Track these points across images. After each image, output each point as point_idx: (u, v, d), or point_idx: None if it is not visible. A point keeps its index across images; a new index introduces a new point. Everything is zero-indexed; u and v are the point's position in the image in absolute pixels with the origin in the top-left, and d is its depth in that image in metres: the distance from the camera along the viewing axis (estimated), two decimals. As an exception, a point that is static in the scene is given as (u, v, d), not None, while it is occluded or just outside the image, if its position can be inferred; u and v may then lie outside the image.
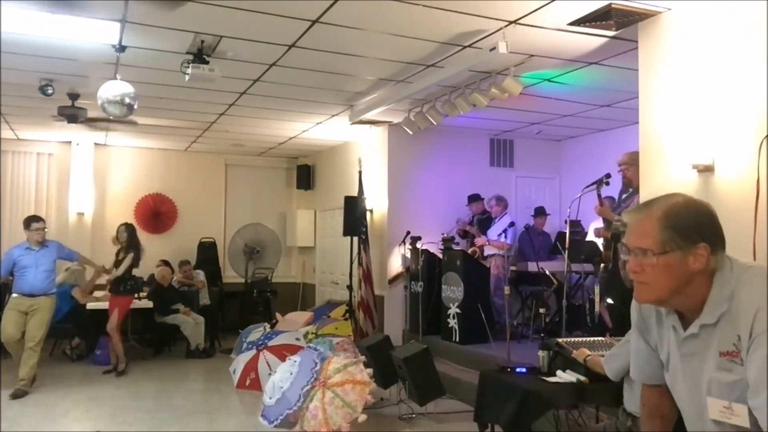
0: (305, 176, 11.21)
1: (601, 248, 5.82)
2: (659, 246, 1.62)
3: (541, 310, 6.13)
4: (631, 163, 5.08)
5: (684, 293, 1.66)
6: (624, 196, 5.35)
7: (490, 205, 8.09)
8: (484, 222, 8.14)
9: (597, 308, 5.80)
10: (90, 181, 9.92)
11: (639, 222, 1.68)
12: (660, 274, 1.64)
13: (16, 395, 6.15)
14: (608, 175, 5.36)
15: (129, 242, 7.43)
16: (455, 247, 7.82)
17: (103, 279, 7.63)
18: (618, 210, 5.24)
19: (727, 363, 1.61)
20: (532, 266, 7.53)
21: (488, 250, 7.79)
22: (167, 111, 7.72)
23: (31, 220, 6.72)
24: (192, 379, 7.51)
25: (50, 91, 6.24)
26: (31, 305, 6.46)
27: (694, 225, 1.63)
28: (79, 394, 5.98)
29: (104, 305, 7.56)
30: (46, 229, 6.75)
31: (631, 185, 5.15)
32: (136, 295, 7.83)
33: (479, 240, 7.90)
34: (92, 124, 7.68)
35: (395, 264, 8.63)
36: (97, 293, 8.18)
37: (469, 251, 7.75)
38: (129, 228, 7.56)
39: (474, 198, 8.29)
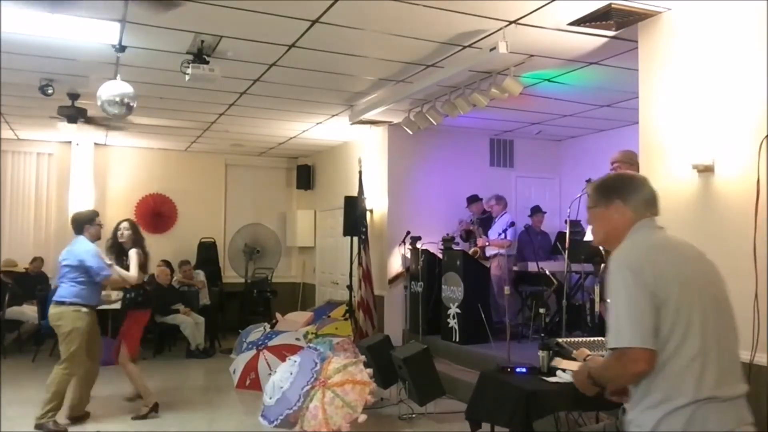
0: (305, 176, 11.20)
1: (601, 248, 5.81)
2: (592, 202, 2.24)
3: (541, 310, 6.13)
4: (624, 161, 5.05)
5: (614, 238, 2.15)
6: None
7: (490, 205, 8.09)
8: (485, 222, 8.15)
9: (597, 308, 5.80)
10: (90, 181, 9.91)
11: (589, 187, 2.33)
12: (595, 222, 2.25)
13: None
14: (607, 176, 5.35)
15: (134, 240, 5.75)
16: (456, 248, 7.82)
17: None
18: None
19: None
20: (532, 266, 7.53)
21: (490, 250, 7.79)
22: (167, 111, 7.72)
23: (93, 214, 5.63)
24: (192, 379, 7.52)
25: (50, 91, 6.24)
26: (95, 318, 5.51)
27: (613, 188, 2.19)
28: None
29: (104, 305, 6.36)
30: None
31: None
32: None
33: (480, 240, 7.90)
34: (92, 123, 7.66)
35: (395, 264, 8.62)
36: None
37: (470, 251, 7.75)
38: (132, 225, 5.88)
39: (473, 199, 8.29)
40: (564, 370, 3.62)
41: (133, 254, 5.58)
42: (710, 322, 1.97)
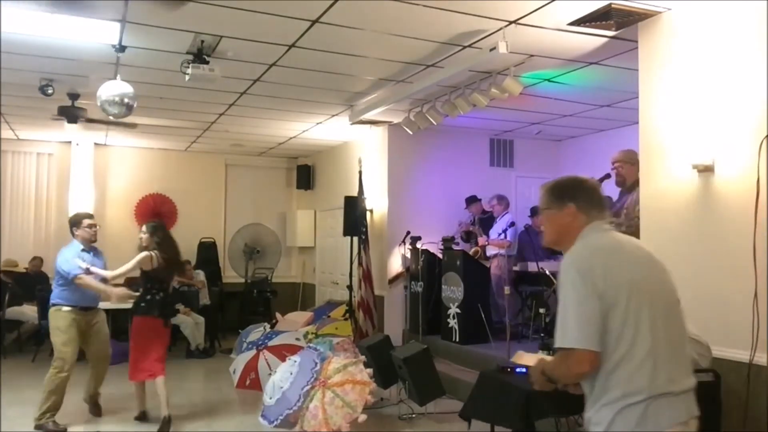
0: (305, 176, 11.21)
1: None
2: (545, 204, 2.30)
3: (541, 310, 6.13)
4: (625, 161, 5.06)
5: (566, 240, 2.21)
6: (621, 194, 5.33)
7: (492, 204, 8.09)
8: (486, 222, 8.14)
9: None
10: (90, 181, 9.92)
11: (540, 190, 2.35)
12: (548, 224, 2.30)
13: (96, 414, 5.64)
14: (608, 176, 5.34)
15: (157, 243, 5.49)
16: (456, 248, 7.82)
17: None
18: (613, 209, 5.22)
19: None
20: (532, 266, 7.53)
21: (490, 250, 7.79)
22: (167, 111, 7.72)
23: (84, 217, 5.65)
24: (192, 379, 7.51)
25: (50, 91, 6.24)
26: (90, 320, 5.50)
27: (567, 191, 2.25)
28: (79, 394, 5.96)
29: (105, 305, 6.12)
30: (97, 227, 5.71)
31: (624, 183, 5.14)
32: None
33: (481, 240, 7.90)
34: (92, 123, 7.65)
35: (395, 264, 8.62)
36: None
37: (471, 252, 7.75)
38: (151, 228, 5.55)
39: (472, 200, 8.29)
40: (525, 367, 3.59)
41: (140, 256, 5.34)
42: (660, 321, 2.03)
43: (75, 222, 5.60)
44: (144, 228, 5.58)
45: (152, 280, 5.40)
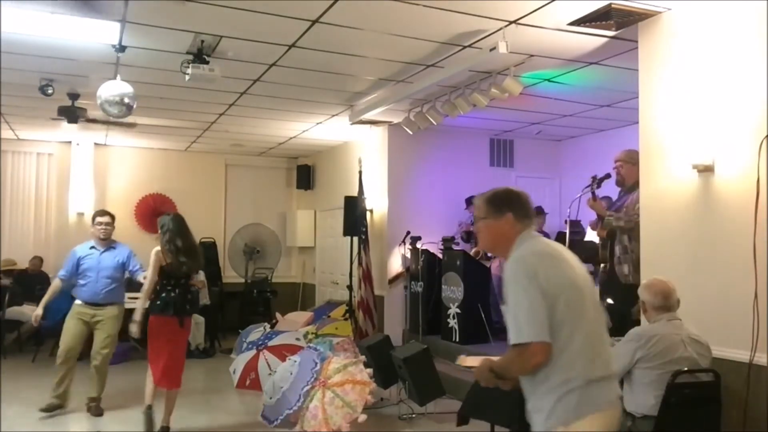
0: (305, 176, 11.20)
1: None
2: (483, 213, 2.49)
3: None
4: (626, 161, 5.06)
5: (503, 246, 2.44)
6: (621, 193, 5.33)
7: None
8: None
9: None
10: (90, 181, 9.92)
11: (478, 200, 2.55)
12: (486, 232, 2.50)
13: (96, 414, 5.64)
14: (608, 176, 5.34)
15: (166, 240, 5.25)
16: (456, 248, 7.82)
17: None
18: (612, 207, 5.23)
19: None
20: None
21: (491, 251, 7.78)
22: (167, 111, 7.72)
23: (95, 215, 5.87)
24: (192, 379, 7.50)
25: (50, 91, 6.24)
26: (94, 316, 5.66)
27: (505, 201, 2.45)
28: (79, 395, 5.97)
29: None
30: (109, 225, 5.80)
31: (624, 183, 5.14)
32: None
33: (481, 240, 7.88)
34: (92, 123, 7.65)
35: (395, 264, 8.62)
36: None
37: (472, 252, 7.75)
38: (165, 220, 5.26)
39: (472, 200, 8.27)
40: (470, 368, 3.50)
41: (151, 257, 5.10)
42: (591, 314, 2.31)
43: (92, 219, 5.91)
44: (169, 219, 5.26)
45: (167, 276, 5.07)
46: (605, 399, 2.27)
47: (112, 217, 5.90)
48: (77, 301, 5.71)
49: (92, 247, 5.74)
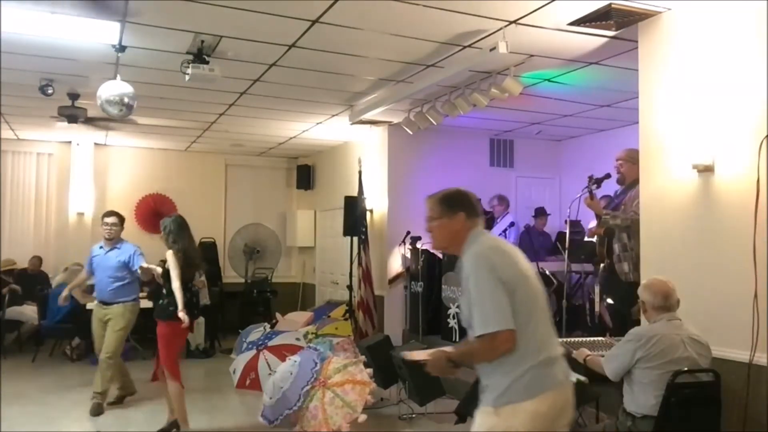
0: (305, 176, 11.20)
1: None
2: (436, 213, 2.64)
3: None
4: (627, 160, 5.08)
5: (456, 244, 2.60)
6: (618, 191, 5.34)
7: (492, 205, 8.08)
8: (487, 222, 8.13)
9: (597, 308, 5.79)
10: (90, 181, 9.93)
11: (430, 201, 2.70)
12: (439, 231, 2.65)
13: (96, 412, 5.65)
14: (608, 175, 5.35)
15: (171, 240, 5.39)
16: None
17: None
18: (612, 205, 5.23)
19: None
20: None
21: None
22: (167, 111, 7.72)
23: (103, 215, 6.04)
24: (192, 379, 7.49)
25: (50, 91, 6.24)
26: (106, 314, 5.84)
27: (457, 202, 2.62)
28: (79, 394, 5.98)
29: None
30: (116, 226, 5.91)
31: (624, 181, 5.15)
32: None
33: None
34: (92, 123, 7.65)
35: (395, 264, 8.62)
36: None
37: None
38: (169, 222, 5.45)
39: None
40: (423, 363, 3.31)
41: (168, 259, 5.16)
42: (541, 302, 2.51)
43: (101, 219, 6.08)
44: (170, 220, 5.36)
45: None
46: (554, 379, 2.44)
47: (120, 218, 6.02)
48: (95, 301, 6.01)
49: (101, 247, 5.98)
